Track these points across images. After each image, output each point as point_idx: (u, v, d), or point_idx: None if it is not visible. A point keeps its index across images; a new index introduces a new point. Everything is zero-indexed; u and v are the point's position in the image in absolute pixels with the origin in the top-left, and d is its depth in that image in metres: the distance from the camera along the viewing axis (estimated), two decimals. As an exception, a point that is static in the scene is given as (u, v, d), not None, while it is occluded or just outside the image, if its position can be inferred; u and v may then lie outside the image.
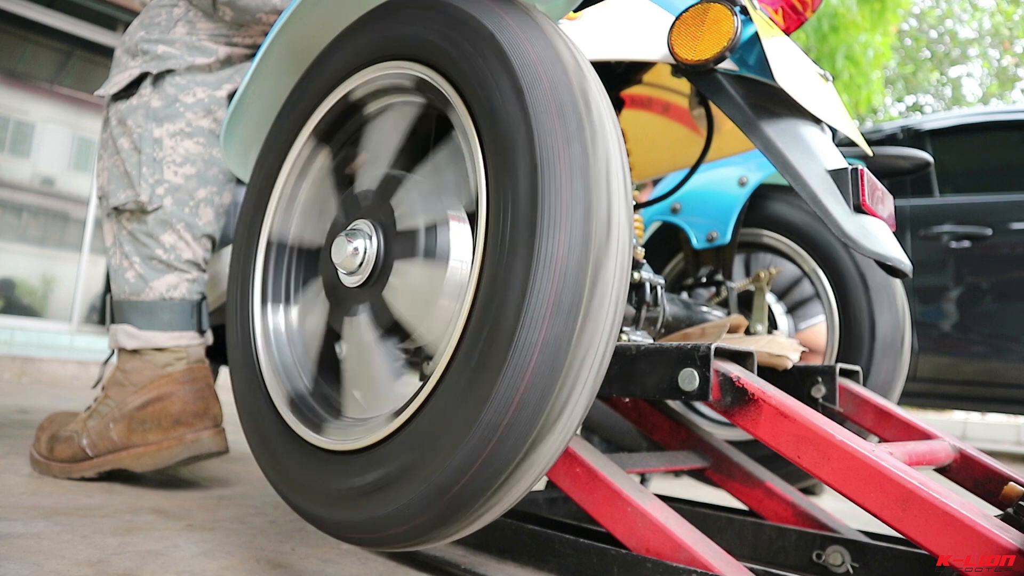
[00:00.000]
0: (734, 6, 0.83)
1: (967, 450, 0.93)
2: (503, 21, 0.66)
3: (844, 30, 5.68)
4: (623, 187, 0.62)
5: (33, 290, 5.21)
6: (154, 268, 1.20)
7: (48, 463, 1.20)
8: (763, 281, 1.40)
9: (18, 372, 3.39)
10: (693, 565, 0.73)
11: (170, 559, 0.81)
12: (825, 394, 1.07)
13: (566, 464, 0.85)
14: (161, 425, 1.15)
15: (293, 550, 0.90)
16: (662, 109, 1.44)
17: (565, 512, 1.12)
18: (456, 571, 0.85)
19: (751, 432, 0.79)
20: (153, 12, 1.25)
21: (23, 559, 0.75)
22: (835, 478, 0.72)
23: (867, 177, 0.82)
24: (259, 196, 0.90)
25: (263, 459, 0.79)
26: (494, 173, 0.62)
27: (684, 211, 1.58)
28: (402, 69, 0.75)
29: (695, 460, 1.13)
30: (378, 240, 0.74)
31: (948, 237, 2.81)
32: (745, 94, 0.86)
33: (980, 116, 3.15)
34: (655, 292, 1.08)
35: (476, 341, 0.59)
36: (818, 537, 0.97)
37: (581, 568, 0.81)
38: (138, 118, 1.20)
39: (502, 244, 0.59)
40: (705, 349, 0.80)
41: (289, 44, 0.93)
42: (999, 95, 12.80)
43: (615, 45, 0.90)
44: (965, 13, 12.93)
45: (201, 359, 1.23)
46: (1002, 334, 2.71)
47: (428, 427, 0.61)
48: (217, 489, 1.24)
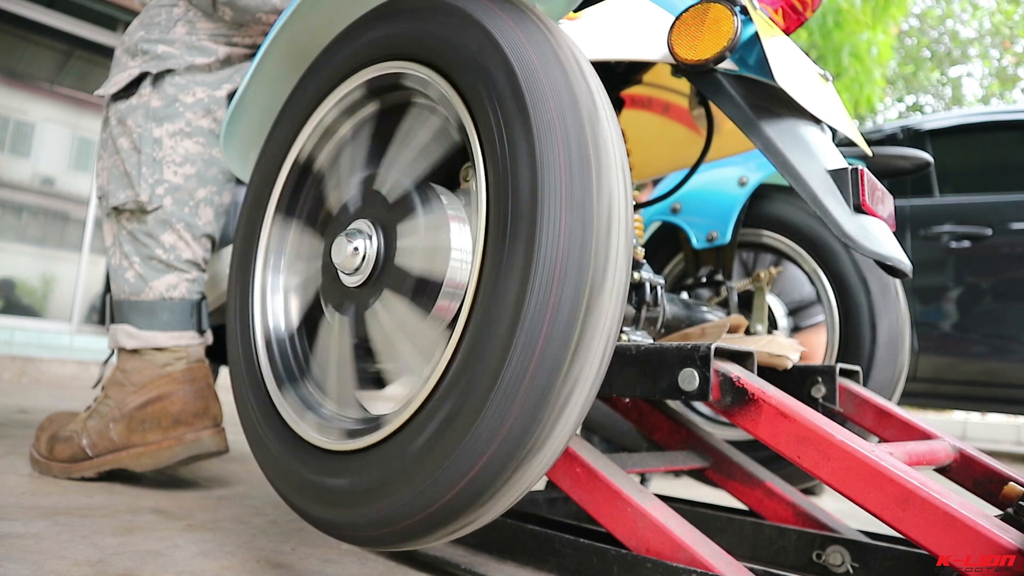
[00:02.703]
0: (734, 6, 0.83)
1: (967, 450, 0.93)
2: (502, 21, 0.65)
3: (847, 26, 5.68)
4: (623, 187, 0.62)
5: (33, 290, 5.21)
6: (154, 268, 1.20)
7: (48, 463, 1.20)
8: (763, 281, 1.40)
9: (18, 372, 3.39)
10: (693, 565, 0.73)
11: (170, 559, 0.81)
12: (825, 394, 1.07)
13: (566, 464, 0.85)
14: (161, 425, 1.15)
15: (293, 550, 0.90)
16: (662, 109, 1.44)
17: (565, 512, 1.12)
18: (456, 571, 0.85)
19: (751, 432, 0.79)
20: (153, 12, 1.25)
21: (23, 559, 0.75)
22: (835, 478, 0.72)
23: (867, 177, 0.82)
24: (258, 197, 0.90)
25: (261, 458, 0.79)
26: (494, 171, 0.62)
27: (684, 211, 1.58)
28: (402, 69, 0.74)
29: (695, 460, 1.13)
30: (378, 240, 0.74)
31: (948, 237, 2.81)
32: (745, 94, 0.86)
33: (980, 116, 3.15)
34: (655, 292, 1.08)
35: (473, 346, 0.59)
36: (818, 537, 0.97)
37: (581, 568, 0.81)
38: (138, 118, 1.20)
39: (502, 241, 0.59)
40: (705, 349, 0.80)
41: (289, 44, 0.93)
42: (999, 95, 12.80)
43: (615, 45, 0.90)
44: (965, 13, 12.92)
45: (201, 359, 1.23)
46: (1002, 334, 2.71)
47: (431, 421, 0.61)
48: (217, 489, 1.24)
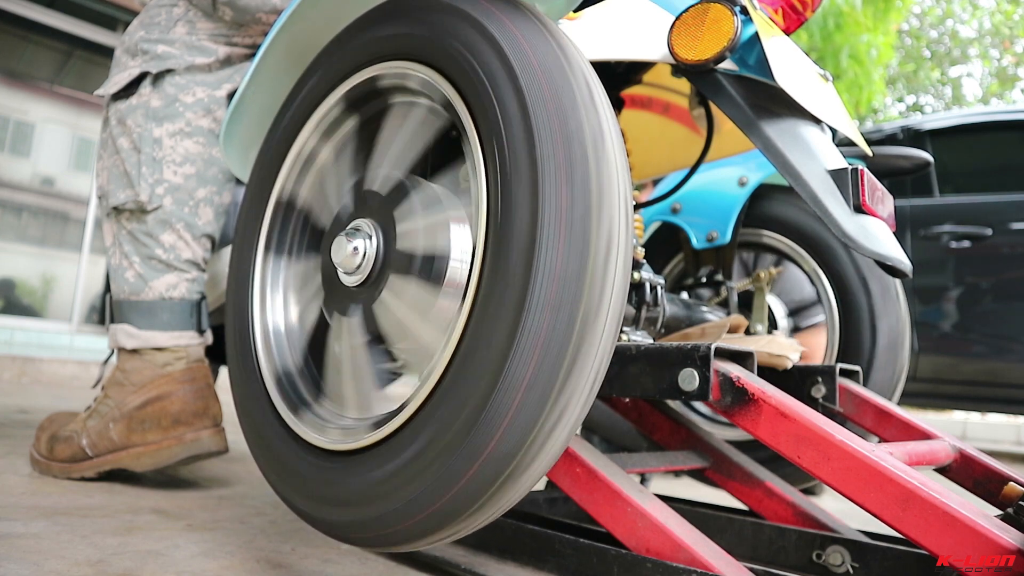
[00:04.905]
0: (734, 6, 0.83)
1: (967, 450, 0.93)
2: (502, 21, 0.65)
3: (848, 28, 5.68)
4: (623, 187, 0.62)
5: (33, 290, 5.21)
6: (154, 268, 1.20)
7: (48, 463, 1.20)
8: (763, 281, 1.40)
9: (18, 372, 3.39)
10: (693, 565, 0.73)
11: (170, 559, 0.81)
12: (825, 394, 1.07)
13: (566, 464, 0.85)
14: (161, 425, 1.15)
15: (293, 550, 0.90)
16: (662, 109, 1.44)
17: (565, 512, 1.12)
18: (456, 571, 0.85)
19: (751, 432, 0.79)
20: (153, 12, 1.25)
21: (23, 559, 0.75)
22: (835, 478, 0.72)
23: (867, 177, 0.82)
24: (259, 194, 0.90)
25: (261, 458, 0.79)
26: (494, 170, 0.62)
27: (684, 211, 1.58)
28: (403, 70, 0.74)
29: (695, 460, 1.13)
30: (378, 240, 0.74)
31: (948, 237, 2.81)
32: (745, 94, 0.86)
33: (980, 116, 3.15)
34: (655, 292, 1.08)
35: (472, 348, 0.59)
36: (818, 537, 0.97)
37: (581, 568, 0.81)
38: (138, 118, 1.20)
39: (503, 243, 0.59)
40: (705, 349, 0.80)
41: (289, 44, 0.93)
42: (999, 95, 12.80)
43: (615, 45, 0.90)
44: (965, 13, 12.92)
45: (201, 359, 1.23)
46: (1002, 334, 2.71)
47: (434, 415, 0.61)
48: (217, 489, 1.24)
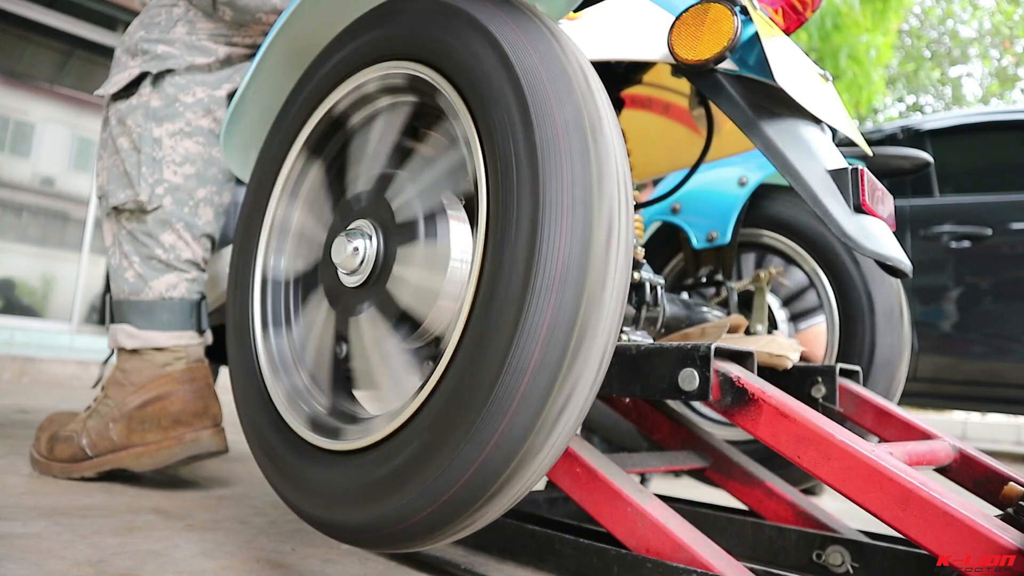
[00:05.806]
0: (734, 6, 0.83)
1: (967, 450, 0.93)
2: (503, 21, 0.66)
3: (846, 29, 5.68)
4: (623, 187, 0.62)
5: (33, 290, 5.21)
6: (153, 268, 1.20)
7: (48, 463, 1.20)
8: (763, 281, 1.40)
9: (18, 372, 3.39)
10: (693, 565, 0.73)
11: (170, 559, 0.80)
12: (825, 394, 1.07)
13: (566, 464, 0.85)
14: (160, 425, 1.15)
15: (293, 550, 0.90)
16: (662, 109, 1.44)
17: (565, 512, 1.12)
18: (456, 571, 0.85)
19: (751, 432, 0.79)
20: (153, 12, 1.25)
21: (23, 559, 0.75)
22: (835, 478, 0.72)
23: (867, 177, 0.82)
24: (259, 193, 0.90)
25: (263, 459, 0.79)
26: (494, 170, 0.62)
27: (684, 211, 1.58)
28: (403, 69, 0.74)
29: (695, 460, 1.13)
30: (378, 239, 0.74)
31: (948, 237, 2.81)
32: (745, 94, 0.86)
33: (980, 116, 3.15)
34: (655, 292, 1.08)
35: (474, 345, 0.59)
36: (818, 537, 0.97)
37: (581, 568, 0.81)
38: (138, 118, 1.20)
39: (503, 243, 0.59)
40: (705, 349, 0.80)
41: (289, 44, 0.93)
42: (999, 95, 12.80)
43: (615, 45, 0.90)
44: (965, 13, 12.92)
45: (200, 359, 1.23)
46: (1002, 334, 2.71)
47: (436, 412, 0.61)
48: (217, 489, 1.24)
